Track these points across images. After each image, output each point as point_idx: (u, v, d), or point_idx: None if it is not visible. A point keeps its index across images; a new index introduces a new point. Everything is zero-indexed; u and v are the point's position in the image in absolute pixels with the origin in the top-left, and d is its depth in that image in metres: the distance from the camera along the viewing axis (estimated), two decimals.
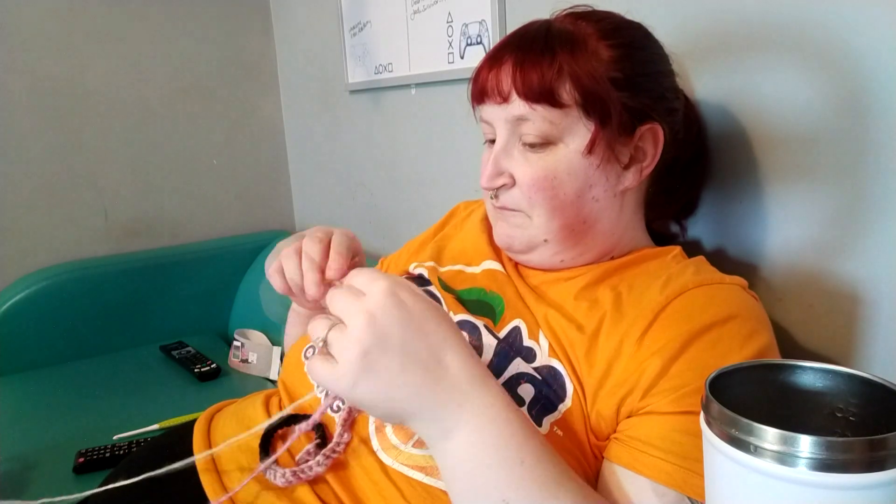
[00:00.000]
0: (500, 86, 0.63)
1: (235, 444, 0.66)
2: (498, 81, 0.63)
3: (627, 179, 0.66)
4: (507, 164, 0.65)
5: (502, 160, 0.65)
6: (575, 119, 0.62)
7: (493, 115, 0.66)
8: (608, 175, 0.64)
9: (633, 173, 0.66)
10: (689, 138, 0.74)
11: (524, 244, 0.67)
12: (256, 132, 1.91)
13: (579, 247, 0.67)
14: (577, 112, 0.62)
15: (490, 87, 0.64)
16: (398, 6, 1.32)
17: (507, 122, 0.64)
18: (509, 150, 0.65)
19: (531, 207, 0.65)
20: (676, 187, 0.75)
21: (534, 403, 0.59)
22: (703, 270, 0.64)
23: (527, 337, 0.64)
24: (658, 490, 0.52)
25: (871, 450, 0.32)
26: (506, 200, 0.67)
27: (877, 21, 0.61)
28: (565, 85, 0.61)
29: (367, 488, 0.59)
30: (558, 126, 0.62)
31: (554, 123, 0.62)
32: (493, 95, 0.64)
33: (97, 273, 1.62)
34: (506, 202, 0.67)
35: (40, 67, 1.58)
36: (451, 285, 0.73)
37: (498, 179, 0.66)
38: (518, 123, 0.64)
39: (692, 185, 0.78)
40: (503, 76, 0.63)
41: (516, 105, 0.63)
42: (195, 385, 1.38)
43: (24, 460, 1.08)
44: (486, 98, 0.65)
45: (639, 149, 0.65)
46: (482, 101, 0.66)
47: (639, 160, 0.66)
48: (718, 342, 0.56)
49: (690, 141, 0.74)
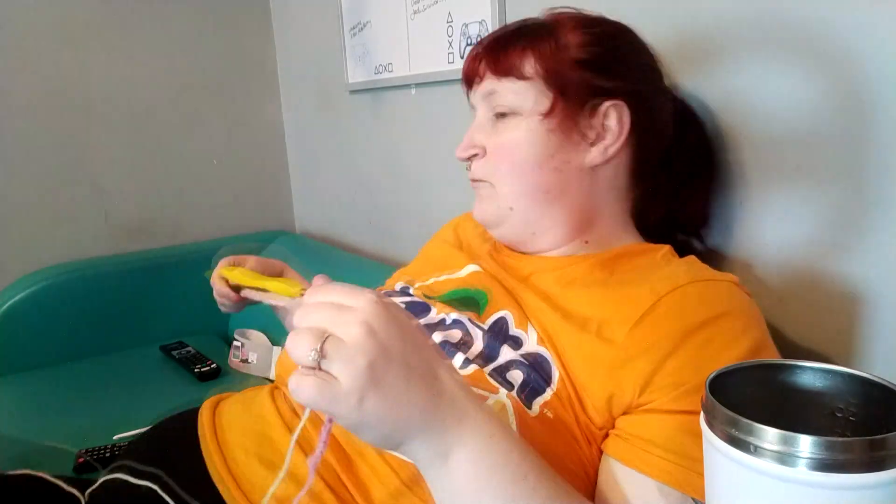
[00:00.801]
0: (477, 68, 0.70)
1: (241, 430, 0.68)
2: (475, 66, 0.71)
3: (592, 155, 0.68)
4: (480, 137, 0.71)
5: (476, 133, 0.71)
6: (539, 91, 0.66)
7: (475, 97, 0.72)
8: (570, 146, 0.67)
9: (598, 150, 0.68)
10: (686, 140, 0.74)
11: (493, 215, 0.71)
12: (256, 132, 1.91)
13: (546, 219, 0.69)
14: (540, 85, 0.66)
15: (471, 72, 0.71)
16: (398, 6, 1.32)
17: (483, 98, 0.71)
18: (484, 125, 0.71)
19: (494, 175, 0.70)
20: (670, 189, 0.75)
21: (523, 387, 0.59)
22: (695, 268, 0.65)
23: (514, 326, 0.65)
24: (663, 490, 0.52)
25: (871, 450, 0.32)
26: (475, 171, 0.72)
27: (877, 21, 0.61)
28: (529, 60, 0.67)
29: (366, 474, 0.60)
30: (521, 96, 0.67)
31: (517, 94, 0.67)
32: (472, 77, 0.71)
33: (97, 273, 1.62)
34: (475, 172, 0.72)
35: (40, 68, 1.58)
36: (435, 292, 0.75)
37: (470, 150, 0.71)
38: (489, 98, 0.70)
39: (694, 192, 0.77)
40: (479, 60, 0.70)
41: (488, 81, 0.69)
42: (195, 385, 1.38)
43: (24, 460, 1.08)
44: (470, 83, 0.72)
45: (605, 127, 0.67)
46: (470, 86, 0.73)
47: (604, 138, 0.68)
48: (713, 339, 0.56)
49: (686, 143, 0.74)
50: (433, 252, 0.88)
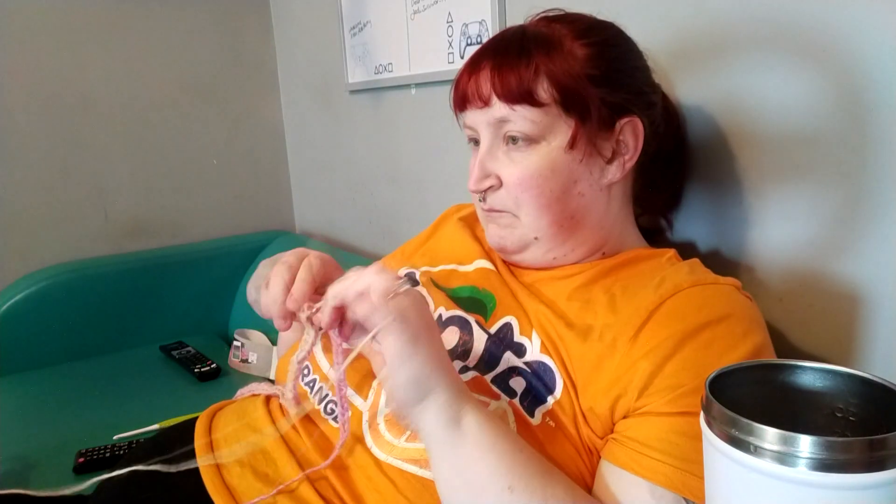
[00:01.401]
0: (479, 90, 0.65)
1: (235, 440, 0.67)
2: (478, 87, 0.65)
3: (611, 173, 0.67)
4: (493, 166, 0.66)
5: (488, 162, 0.66)
6: (555, 116, 0.63)
7: (475, 119, 0.67)
8: (592, 170, 0.66)
9: (616, 167, 0.67)
10: (670, 131, 0.75)
11: (516, 244, 0.68)
12: (256, 132, 1.91)
13: (570, 242, 0.68)
14: (556, 110, 0.63)
15: (471, 93, 0.66)
16: (398, 6, 1.32)
17: (489, 124, 0.66)
18: (494, 153, 0.66)
19: (518, 207, 0.66)
20: (661, 179, 0.75)
21: (525, 395, 0.59)
22: (698, 271, 0.65)
23: (518, 333, 0.65)
24: (655, 492, 0.52)
25: (871, 450, 0.32)
26: (493, 202, 0.68)
27: (876, 20, 0.61)
28: (543, 84, 0.63)
29: (363, 484, 0.60)
30: (539, 124, 0.63)
31: (535, 122, 0.63)
32: (474, 100, 0.66)
33: (97, 273, 1.62)
34: (493, 203, 0.68)
35: (40, 67, 1.58)
36: (443, 284, 0.74)
37: (485, 182, 0.67)
38: (500, 125, 0.65)
39: (675, 177, 0.79)
40: (482, 81, 0.65)
41: (497, 107, 0.64)
42: (195, 385, 1.37)
43: (24, 460, 1.08)
44: (467, 104, 0.67)
45: (620, 142, 0.66)
46: (464, 107, 0.68)
47: (621, 154, 0.67)
48: (713, 342, 0.56)
49: (671, 133, 0.75)
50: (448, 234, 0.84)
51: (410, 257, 0.85)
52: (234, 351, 1.46)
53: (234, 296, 1.78)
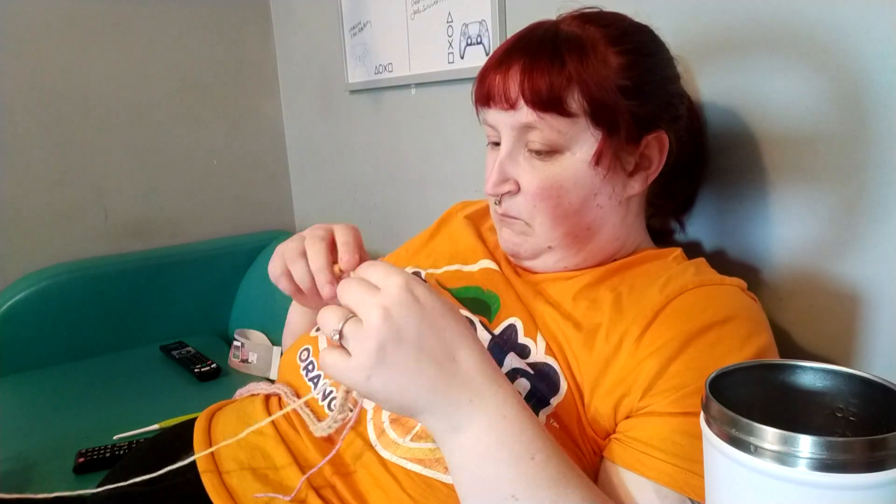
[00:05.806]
0: (507, 92, 0.62)
1: (235, 442, 0.66)
2: (506, 87, 0.62)
3: (632, 187, 0.65)
4: (513, 171, 0.64)
5: (508, 166, 0.64)
6: (582, 128, 0.61)
7: (498, 120, 0.64)
8: (614, 184, 0.64)
9: (638, 180, 0.65)
10: (691, 138, 0.74)
11: (530, 251, 0.68)
12: (256, 132, 1.91)
13: (583, 252, 0.67)
14: (584, 121, 0.61)
15: (497, 93, 0.63)
16: (398, 6, 1.32)
17: (513, 128, 0.63)
18: (515, 157, 0.64)
19: (532, 216, 0.65)
20: (676, 185, 0.75)
21: (529, 397, 0.59)
22: (704, 271, 0.65)
23: (522, 334, 0.64)
24: (660, 492, 0.52)
25: (871, 450, 0.32)
26: (508, 207, 0.66)
27: (878, 21, 0.61)
28: (574, 94, 0.60)
29: (367, 483, 0.60)
30: (565, 135, 0.61)
31: (561, 132, 0.61)
32: (499, 101, 0.63)
33: (97, 273, 1.62)
34: (508, 209, 0.66)
35: (40, 67, 1.58)
36: (447, 284, 0.74)
37: (503, 186, 0.65)
38: (525, 131, 0.63)
39: (690, 183, 0.78)
40: (511, 82, 0.61)
41: (524, 112, 0.61)
42: (195, 385, 1.38)
43: (24, 460, 1.08)
44: (492, 103, 0.64)
45: (644, 156, 0.65)
46: (488, 105, 0.65)
47: (644, 167, 0.65)
48: (718, 343, 0.56)
49: (692, 140, 0.74)
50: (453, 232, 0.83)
51: (415, 256, 0.84)
52: (234, 351, 1.46)
53: (234, 296, 1.78)
